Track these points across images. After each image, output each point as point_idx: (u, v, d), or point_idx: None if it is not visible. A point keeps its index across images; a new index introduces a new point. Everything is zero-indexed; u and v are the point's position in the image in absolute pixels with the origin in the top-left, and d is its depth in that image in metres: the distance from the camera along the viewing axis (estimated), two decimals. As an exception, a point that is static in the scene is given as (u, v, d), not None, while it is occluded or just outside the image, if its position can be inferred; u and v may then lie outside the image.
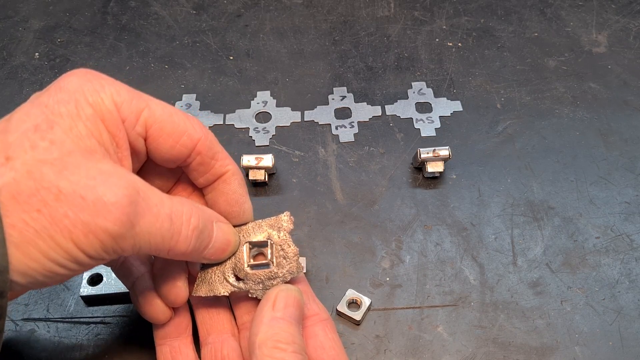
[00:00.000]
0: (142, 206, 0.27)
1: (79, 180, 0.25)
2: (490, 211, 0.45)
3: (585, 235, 0.44)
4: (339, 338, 0.33)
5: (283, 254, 0.34)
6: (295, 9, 0.63)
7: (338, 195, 0.47)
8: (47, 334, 0.39)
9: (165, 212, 0.28)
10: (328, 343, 0.32)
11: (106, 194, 0.25)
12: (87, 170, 0.25)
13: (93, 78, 0.29)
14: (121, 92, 0.29)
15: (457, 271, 0.42)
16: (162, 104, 0.31)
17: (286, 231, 0.34)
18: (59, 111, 0.27)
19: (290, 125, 0.52)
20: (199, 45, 0.59)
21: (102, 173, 0.26)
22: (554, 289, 0.41)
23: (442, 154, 0.45)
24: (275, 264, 0.34)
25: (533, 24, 0.60)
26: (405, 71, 0.56)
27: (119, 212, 0.25)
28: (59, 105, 0.27)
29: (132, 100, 0.29)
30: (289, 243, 0.34)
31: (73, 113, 0.27)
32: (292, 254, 0.34)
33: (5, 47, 0.60)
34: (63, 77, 0.29)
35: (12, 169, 0.24)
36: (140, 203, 0.27)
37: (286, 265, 0.34)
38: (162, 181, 0.35)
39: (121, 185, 0.26)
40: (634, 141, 0.49)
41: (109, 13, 0.63)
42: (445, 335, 0.39)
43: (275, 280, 0.33)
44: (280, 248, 0.34)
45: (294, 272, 0.33)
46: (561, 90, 0.54)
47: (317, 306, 0.34)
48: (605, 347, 0.38)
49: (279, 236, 0.34)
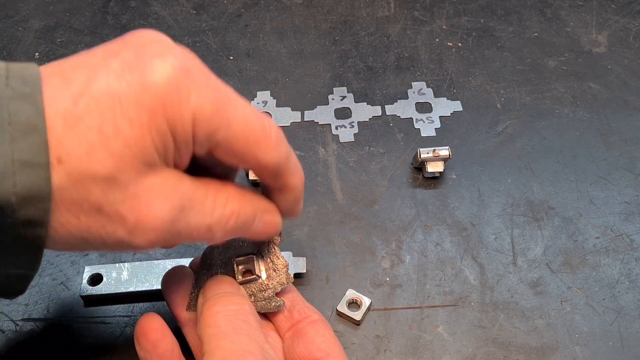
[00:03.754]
0: (183, 224, 0.26)
1: (124, 201, 0.24)
2: (490, 211, 0.45)
3: (585, 235, 0.44)
4: (333, 335, 0.33)
5: (272, 266, 0.35)
6: (295, 9, 0.63)
7: (338, 195, 0.47)
8: (47, 334, 0.39)
9: (206, 223, 0.28)
10: (318, 338, 0.33)
11: (148, 216, 0.25)
12: (136, 188, 0.25)
13: (184, 78, 0.25)
14: (205, 107, 0.25)
15: (457, 271, 0.42)
16: (245, 119, 0.27)
17: (275, 244, 0.35)
18: (130, 116, 0.24)
19: (290, 125, 0.52)
20: (199, 45, 0.59)
21: (149, 191, 0.25)
22: (554, 289, 0.41)
23: (442, 154, 0.45)
24: (265, 277, 0.34)
25: (533, 24, 0.60)
26: (405, 71, 0.56)
27: (155, 235, 0.26)
28: (132, 108, 0.24)
29: (212, 118, 0.25)
30: (278, 255, 0.35)
31: (144, 124, 0.24)
32: (282, 265, 0.35)
33: (5, 47, 0.60)
34: (152, 62, 0.24)
35: (61, 174, 0.23)
36: (181, 221, 0.26)
37: (276, 277, 0.34)
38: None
39: (166, 207, 0.25)
40: (634, 141, 0.49)
41: (109, 13, 0.63)
42: (446, 335, 0.39)
43: (266, 291, 0.34)
44: (269, 261, 0.35)
45: (284, 282, 0.34)
46: (561, 90, 0.54)
47: (307, 309, 0.35)
48: (605, 347, 0.38)
49: (267, 249, 0.35)
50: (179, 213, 0.26)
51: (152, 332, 0.32)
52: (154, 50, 0.25)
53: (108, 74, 0.24)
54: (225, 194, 0.29)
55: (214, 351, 0.28)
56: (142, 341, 0.32)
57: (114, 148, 0.24)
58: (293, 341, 0.33)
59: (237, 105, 0.27)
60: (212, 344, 0.29)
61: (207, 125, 0.26)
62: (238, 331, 0.29)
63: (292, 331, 0.34)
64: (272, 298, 0.34)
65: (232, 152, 0.27)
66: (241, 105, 0.27)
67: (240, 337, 0.29)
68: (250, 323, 0.30)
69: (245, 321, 0.30)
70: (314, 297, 0.40)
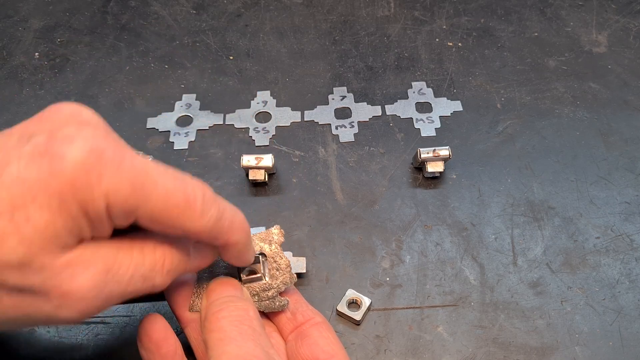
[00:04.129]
0: (113, 285, 0.26)
1: (44, 280, 0.25)
2: (490, 211, 0.45)
3: (585, 235, 0.44)
4: (336, 337, 0.34)
5: (276, 265, 0.35)
6: (295, 8, 0.63)
7: (338, 195, 0.47)
8: (47, 334, 0.39)
9: (139, 274, 0.28)
10: (322, 340, 0.33)
11: (72, 289, 0.25)
12: (53, 267, 0.25)
13: (95, 161, 0.24)
14: (119, 188, 0.25)
15: (457, 271, 0.42)
16: (166, 191, 0.26)
17: (277, 244, 0.35)
18: (40, 202, 0.24)
19: (290, 125, 0.52)
20: (199, 45, 0.59)
21: (69, 265, 0.25)
22: (554, 289, 0.41)
23: (442, 154, 0.45)
24: (269, 276, 0.35)
25: (533, 24, 0.60)
26: (405, 71, 0.56)
27: (85, 305, 0.26)
28: (42, 194, 0.24)
29: (128, 198, 0.25)
30: (281, 255, 0.35)
31: (55, 209, 0.24)
32: (285, 265, 0.35)
33: (5, 46, 0.60)
34: (61, 147, 0.24)
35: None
36: (110, 283, 0.26)
37: (279, 277, 0.35)
38: None
39: (89, 275, 0.25)
40: (634, 141, 0.49)
41: (109, 13, 0.63)
42: (446, 335, 0.39)
43: (270, 291, 0.34)
44: (272, 260, 0.35)
45: (287, 282, 0.35)
46: (561, 90, 0.54)
47: (310, 311, 0.35)
48: (605, 347, 0.38)
49: (270, 249, 0.35)
50: (105, 276, 0.26)
51: (155, 332, 0.32)
52: (65, 133, 0.25)
53: (19, 159, 0.24)
54: (152, 242, 0.28)
55: (220, 356, 0.28)
56: (145, 342, 0.32)
57: (26, 234, 0.24)
58: (296, 343, 0.33)
59: (156, 179, 0.26)
60: (218, 349, 0.29)
61: (124, 205, 0.25)
62: (245, 337, 0.29)
63: (295, 333, 0.34)
64: (276, 298, 0.34)
65: (157, 225, 0.27)
66: (162, 178, 0.26)
67: (247, 343, 0.29)
68: (255, 329, 0.30)
69: (251, 327, 0.30)
70: (314, 297, 0.40)
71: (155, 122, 0.52)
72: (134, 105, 0.54)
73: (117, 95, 0.55)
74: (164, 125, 0.52)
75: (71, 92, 0.55)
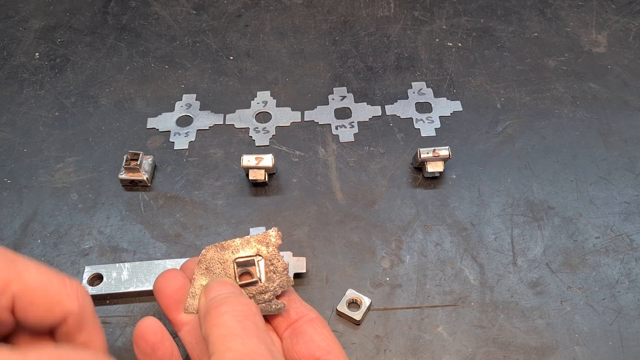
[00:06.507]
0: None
1: None
2: (490, 211, 0.45)
3: (585, 235, 0.44)
4: (330, 332, 0.33)
5: (273, 268, 0.35)
6: (295, 9, 0.63)
7: (338, 195, 0.47)
8: (47, 333, 0.39)
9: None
10: (317, 337, 0.33)
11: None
12: None
13: None
14: None
15: (457, 271, 0.42)
16: (38, 271, 0.28)
17: (275, 246, 0.35)
18: None
19: (290, 125, 0.52)
20: (199, 45, 0.59)
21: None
22: (554, 289, 0.41)
23: (442, 154, 0.45)
24: (265, 279, 0.34)
25: (533, 24, 0.60)
26: (405, 71, 0.56)
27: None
28: None
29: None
30: (278, 257, 0.35)
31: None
32: (282, 268, 0.34)
33: (5, 47, 0.60)
34: None
35: None
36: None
37: (276, 280, 0.34)
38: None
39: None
40: (634, 141, 0.49)
41: (109, 13, 0.63)
42: (445, 335, 0.39)
43: (267, 294, 0.34)
44: (269, 263, 0.35)
45: (284, 285, 0.34)
46: (561, 90, 0.54)
47: (304, 307, 0.35)
48: (605, 347, 0.38)
49: (267, 251, 0.35)
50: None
51: (151, 335, 0.32)
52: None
53: None
54: (37, 351, 0.27)
55: (224, 353, 0.28)
56: (141, 345, 0.32)
57: None
58: (292, 340, 0.33)
59: (29, 263, 0.27)
60: (221, 345, 0.28)
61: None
62: (248, 333, 0.29)
63: (290, 330, 0.34)
64: (273, 301, 0.34)
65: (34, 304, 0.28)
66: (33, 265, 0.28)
67: (250, 339, 0.29)
68: (258, 325, 0.30)
69: (254, 323, 0.30)
70: (314, 297, 0.40)
71: (155, 122, 0.52)
72: (134, 105, 0.54)
73: (117, 95, 0.55)
74: (164, 125, 0.52)
75: (71, 93, 0.55)
